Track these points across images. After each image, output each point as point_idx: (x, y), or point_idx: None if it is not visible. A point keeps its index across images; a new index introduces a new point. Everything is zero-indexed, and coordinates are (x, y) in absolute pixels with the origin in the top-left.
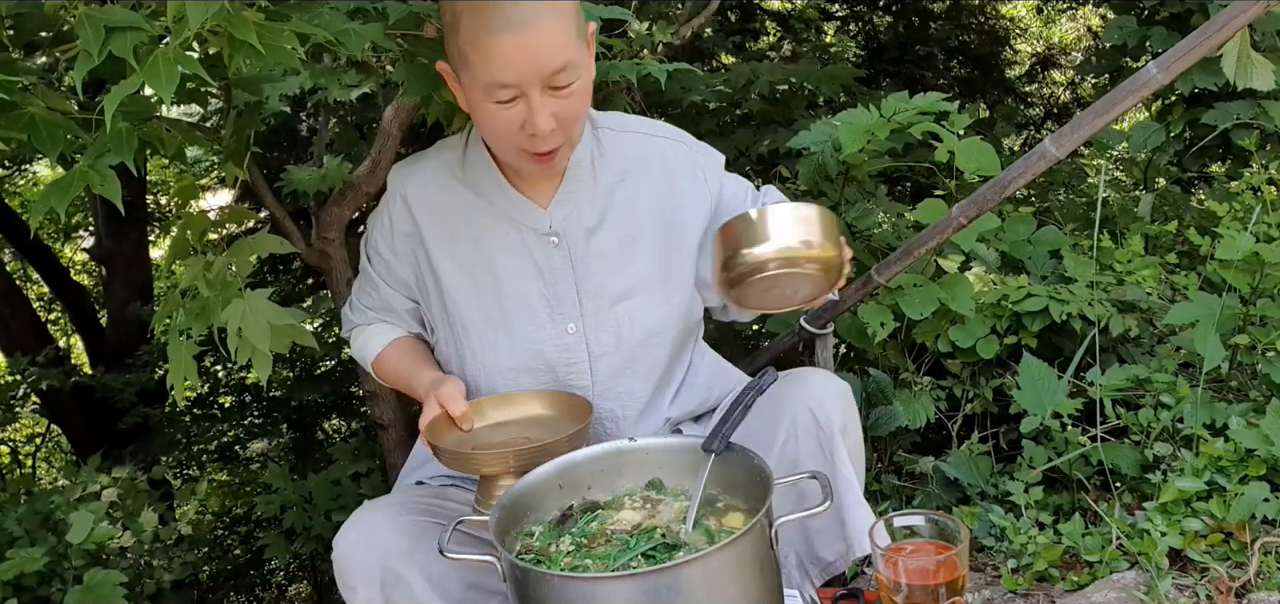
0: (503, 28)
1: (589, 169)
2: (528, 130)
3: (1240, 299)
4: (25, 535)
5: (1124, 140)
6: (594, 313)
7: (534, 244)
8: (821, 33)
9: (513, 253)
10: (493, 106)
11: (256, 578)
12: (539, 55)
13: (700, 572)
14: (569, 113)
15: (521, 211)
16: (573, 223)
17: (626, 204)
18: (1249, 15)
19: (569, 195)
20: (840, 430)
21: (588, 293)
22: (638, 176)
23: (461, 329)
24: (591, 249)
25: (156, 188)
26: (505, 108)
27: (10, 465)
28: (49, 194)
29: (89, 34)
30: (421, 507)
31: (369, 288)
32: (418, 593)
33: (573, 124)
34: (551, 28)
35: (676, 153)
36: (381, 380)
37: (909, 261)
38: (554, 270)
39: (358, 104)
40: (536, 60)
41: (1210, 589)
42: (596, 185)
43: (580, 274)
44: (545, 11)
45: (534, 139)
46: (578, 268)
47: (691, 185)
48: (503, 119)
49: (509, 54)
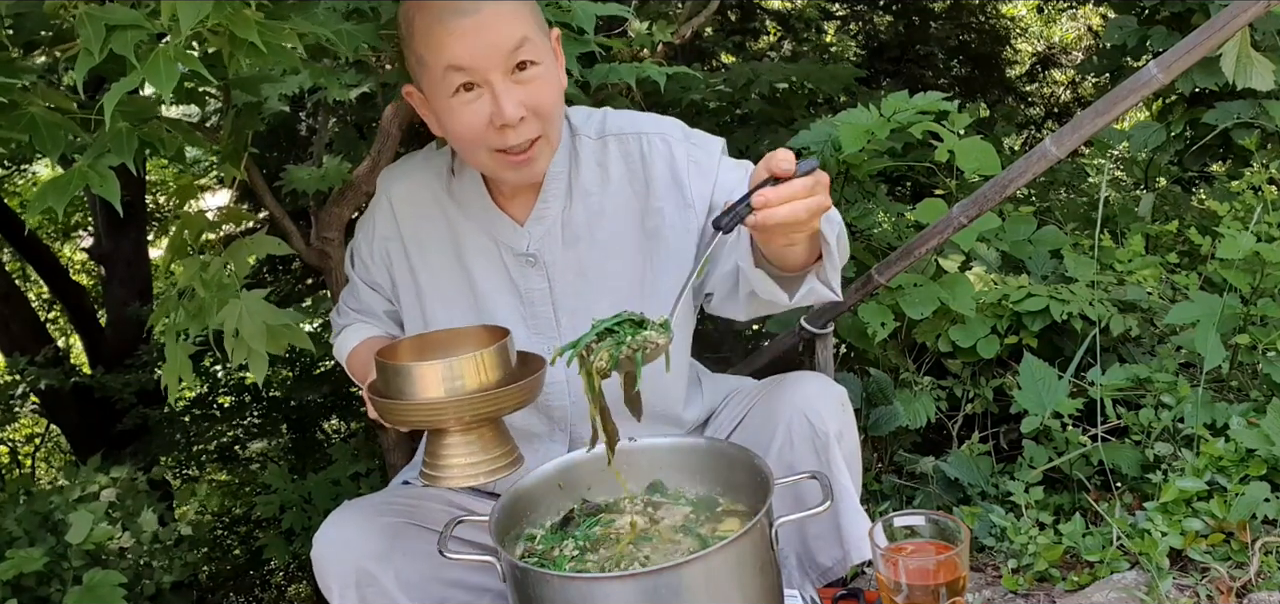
0: (454, 11)
1: (566, 184)
2: (496, 122)
3: (1241, 299)
4: (25, 535)
5: (1124, 140)
6: (572, 331)
7: (511, 262)
8: (821, 32)
9: (492, 269)
10: (457, 104)
11: (256, 578)
12: (494, 35)
13: (700, 572)
14: (537, 100)
15: (500, 229)
16: (550, 241)
17: (604, 217)
18: (1249, 15)
19: (545, 213)
20: (836, 436)
21: (565, 311)
22: (617, 186)
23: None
24: (568, 267)
25: (156, 188)
26: (469, 103)
27: (10, 465)
28: (46, 192)
29: (89, 32)
30: (400, 508)
31: (352, 290)
32: (392, 595)
33: (546, 117)
34: (504, 7)
35: (662, 150)
36: (352, 376)
37: (909, 261)
38: (531, 290)
39: (357, 104)
40: (493, 39)
41: (1211, 589)
42: (572, 200)
43: (557, 293)
44: None
45: (505, 132)
46: (555, 286)
47: (675, 185)
48: (469, 114)
49: (461, 32)
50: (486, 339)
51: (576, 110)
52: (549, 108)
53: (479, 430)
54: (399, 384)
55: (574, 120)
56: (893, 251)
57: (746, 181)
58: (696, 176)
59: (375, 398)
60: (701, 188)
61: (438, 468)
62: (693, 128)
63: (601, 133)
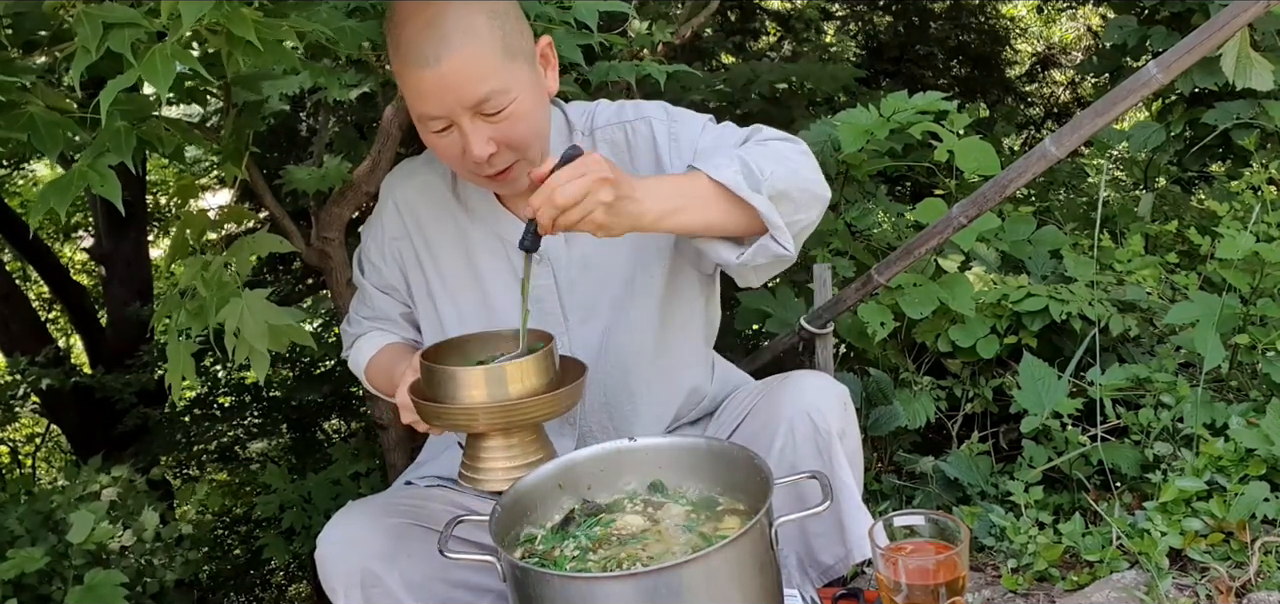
0: (418, 62)
1: None
2: (468, 157)
3: (1240, 299)
4: (26, 535)
5: (1124, 140)
6: (579, 326)
7: (517, 261)
8: (821, 32)
9: (499, 267)
10: (430, 136)
11: (256, 578)
12: (458, 87)
13: (700, 572)
14: (509, 135)
15: (504, 226)
16: (553, 238)
17: None
18: (1249, 15)
19: None
20: (838, 435)
21: (572, 306)
22: None
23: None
24: (572, 262)
25: (156, 188)
26: (441, 136)
27: (10, 465)
28: (48, 193)
29: (87, 31)
30: (405, 509)
31: (363, 298)
32: (397, 596)
33: (521, 145)
34: (468, 57)
35: (645, 132)
36: (373, 389)
37: (909, 261)
38: (537, 287)
39: (358, 103)
40: (456, 91)
41: (1210, 589)
42: None
43: (563, 290)
44: (459, 41)
45: (478, 164)
46: (561, 283)
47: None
48: (444, 145)
49: (426, 87)
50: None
51: (573, 106)
52: (524, 137)
53: (520, 434)
54: (443, 388)
55: (571, 116)
56: (892, 251)
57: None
58: (675, 152)
59: (418, 400)
60: (680, 163)
61: (477, 470)
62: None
63: (590, 129)
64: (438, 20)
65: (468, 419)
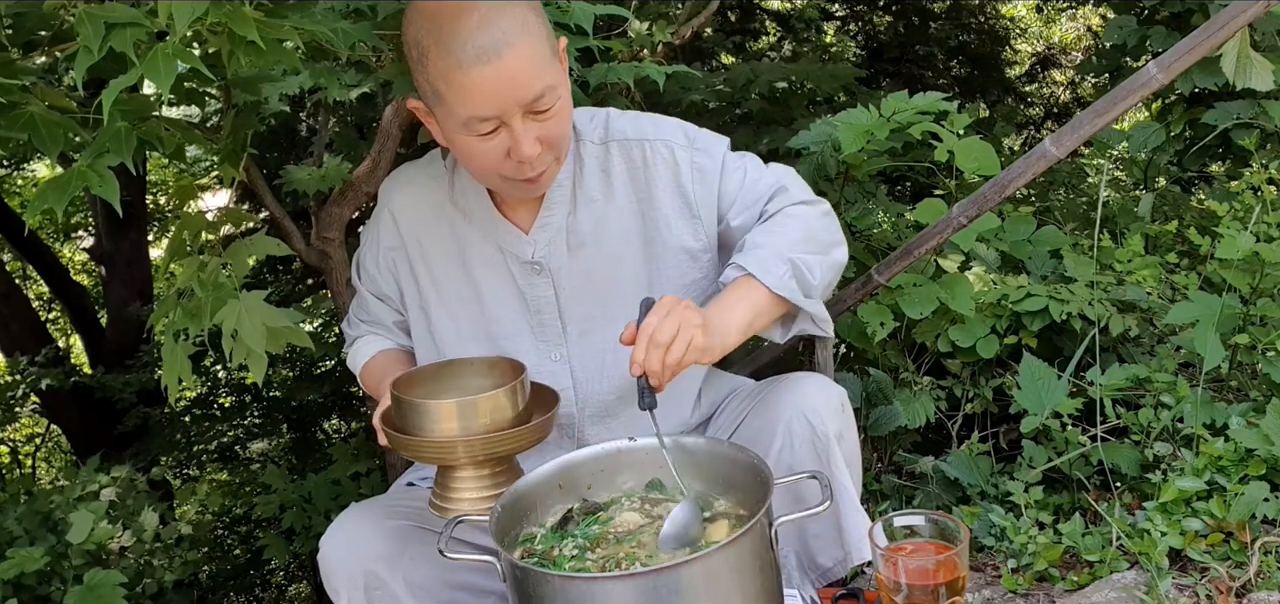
0: (475, 59)
1: (570, 191)
2: (514, 157)
3: (1240, 299)
4: (25, 535)
5: (1124, 140)
6: (579, 339)
7: (517, 271)
8: (821, 33)
9: (498, 278)
10: (474, 140)
11: (256, 578)
12: (517, 84)
13: (700, 572)
14: (553, 134)
15: (505, 237)
16: (555, 249)
17: (608, 224)
18: (1249, 15)
19: (550, 220)
20: (836, 437)
21: (571, 319)
22: (620, 192)
23: (447, 351)
24: (574, 274)
25: (156, 188)
26: (487, 140)
27: (10, 465)
28: (46, 192)
29: (89, 30)
30: (407, 510)
31: (360, 302)
32: (400, 598)
33: (558, 144)
34: (526, 51)
35: (666, 157)
36: (367, 391)
37: (909, 261)
38: (537, 298)
39: (358, 104)
40: (515, 89)
41: (1210, 589)
42: (577, 207)
43: (564, 301)
44: (516, 34)
45: (521, 166)
46: (561, 294)
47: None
48: (486, 150)
49: (486, 87)
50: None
51: (580, 112)
52: (563, 136)
53: (490, 465)
54: (413, 419)
55: (578, 123)
56: (892, 252)
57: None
58: (701, 184)
59: (388, 430)
60: (706, 196)
61: (447, 499)
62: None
63: (604, 138)
64: (492, 18)
65: (438, 453)
